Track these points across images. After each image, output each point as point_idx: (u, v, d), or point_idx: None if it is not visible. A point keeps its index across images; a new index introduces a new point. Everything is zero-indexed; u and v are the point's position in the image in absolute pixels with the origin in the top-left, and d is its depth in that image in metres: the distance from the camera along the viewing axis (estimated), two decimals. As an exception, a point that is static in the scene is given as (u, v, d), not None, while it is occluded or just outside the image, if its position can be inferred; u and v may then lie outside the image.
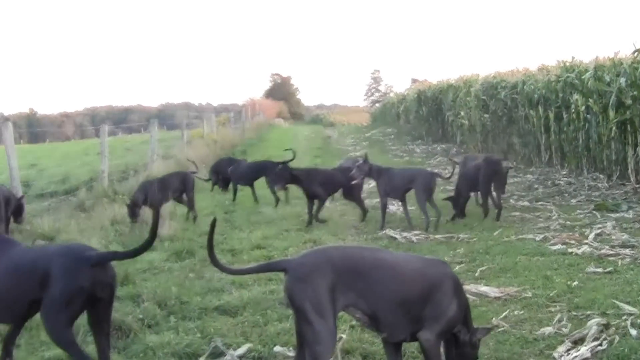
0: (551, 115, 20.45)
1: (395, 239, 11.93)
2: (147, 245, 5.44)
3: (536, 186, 17.68)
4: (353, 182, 13.18)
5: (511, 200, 15.42)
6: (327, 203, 14.29)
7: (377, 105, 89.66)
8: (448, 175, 14.24)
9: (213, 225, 5.15)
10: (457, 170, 14.80)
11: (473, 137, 27.50)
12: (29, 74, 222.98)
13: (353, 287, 4.98)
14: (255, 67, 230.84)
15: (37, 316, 6.89)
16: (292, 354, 6.36)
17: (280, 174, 13.89)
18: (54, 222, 13.21)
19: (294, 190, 15.18)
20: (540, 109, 21.00)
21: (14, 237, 11.77)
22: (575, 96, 18.79)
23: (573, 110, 18.95)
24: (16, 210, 12.01)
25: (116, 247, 10.98)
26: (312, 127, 57.72)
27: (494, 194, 13.26)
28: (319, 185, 13.65)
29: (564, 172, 19.66)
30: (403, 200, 13.35)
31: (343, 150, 32.76)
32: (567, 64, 20.50)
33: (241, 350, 6.52)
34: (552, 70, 21.49)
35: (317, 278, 4.90)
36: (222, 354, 6.55)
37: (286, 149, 17.66)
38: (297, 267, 5.01)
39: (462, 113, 28.28)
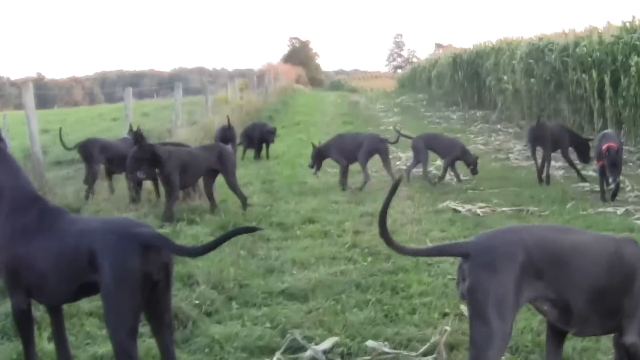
0: (607, 80, 19.46)
1: (458, 211, 11.12)
2: (214, 246, 4.56)
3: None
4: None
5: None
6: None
7: (399, 70, 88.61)
8: (394, 141, 14.77)
9: (393, 190, 4.39)
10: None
11: (517, 103, 26.48)
12: (36, 37, 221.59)
13: (544, 276, 4.15)
14: (271, 30, 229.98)
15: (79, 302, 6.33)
16: (388, 349, 5.57)
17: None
18: (77, 191, 12.50)
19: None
20: (594, 73, 19.99)
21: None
22: (636, 58, 17.85)
23: (633, 74, 17.99)
24: None
25: (152, 220, 10.19)
26: (337, 93, 56.76)
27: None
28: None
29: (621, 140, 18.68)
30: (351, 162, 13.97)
31: (374, 116, 31.93)
32: (627, 24, 19.49)
33: (325, 345, 5.70)
34: (604, 32, 20.52)
35: (507, 266, 4.09)
36: (302, 348, 5.75)
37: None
38: (483, 252, 4.18)
39: (505, 77, 27.26)
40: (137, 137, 11.56)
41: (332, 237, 9.54)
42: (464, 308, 6.39)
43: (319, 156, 14.10)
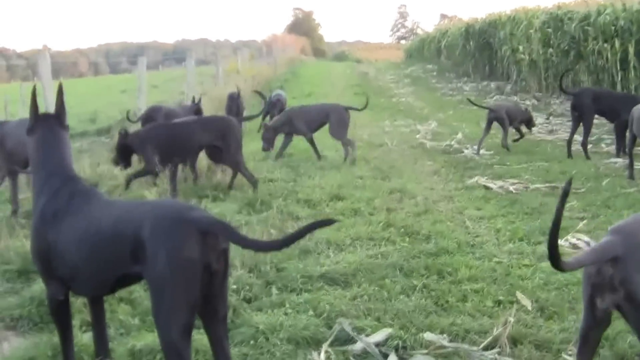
0: (631, 49, 18.95)
1: (489, 188, 10.68)
2: (292, 241, 3.99)
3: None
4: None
5: (602, 145, 14.10)
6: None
7: (403, 41, 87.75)
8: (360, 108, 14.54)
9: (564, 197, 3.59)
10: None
11: (533, 74, 25.92)
12: (41, 10, 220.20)
13: None
14: (273, 1, 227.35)
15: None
16: (448, 343, 5.16)
17: None
18: (92, 165, 12.07)
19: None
20: (617, 42, 19.47)
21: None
22: (664, 26, 17.35)
23: (661, 44, 17.46)
24: None
25: (177, 197, 9.78)
26: (344, 64, 56.21)
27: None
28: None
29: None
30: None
31: (385, 87, 31.47)
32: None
33: (378, 337, 5.28)
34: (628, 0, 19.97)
35: None
36: (351, 339, 5.34)
37: None
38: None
39: (521, 48, 26.68)
40: (198, 109, 12.45)
41: (364, 216, 9.11)
42: (520, 296, 6.01)
43: (277, 132, 13.59)
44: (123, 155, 10.32)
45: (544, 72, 24.99)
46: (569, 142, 13.15)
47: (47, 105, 12.52)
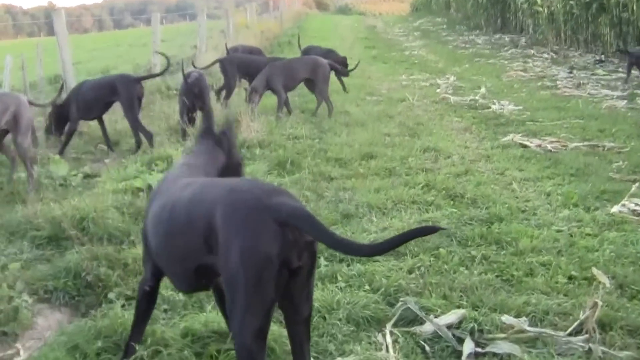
0: (657, 1, 18.14)
1: (527, 146, 10.06)
2: (390, 247, 3.37)
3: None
4: None
5: (638, 100, 13.41)
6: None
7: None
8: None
9: None
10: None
11: (551, 27, 25.08)
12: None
13: None
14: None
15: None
16: (529, 327, 4.57)
17: None
18: (111, 123, 11.45)
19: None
20: (643, -6, 18.66)
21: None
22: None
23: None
24: None
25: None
26: (350, 17, 55.21)
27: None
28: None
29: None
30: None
31: (395, 41, 30.70)
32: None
33: (450, 318, 4.69)
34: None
35: None
36: (417, 320, 4.76)
37: None
38: None
39: (539, 0, 25.80)
40: None
41: (401, 176, 8.52)
42: (597, 272, 5.41)
43: (262, 92, 12.40)
44: (58, 123, 9.96)
45: (564, 25, 24.11)
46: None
47: (64, 63, 11.92)
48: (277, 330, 4.28)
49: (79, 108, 9.83)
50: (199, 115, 10.68)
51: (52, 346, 4.17)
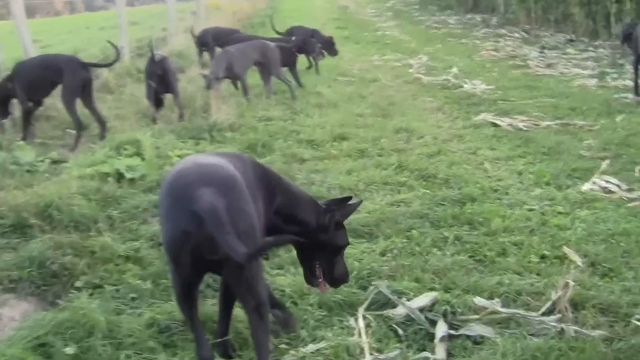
0: (626, -20, 18.13)
1: (498, 126, 10.02)
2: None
3: (621, 62, 15.59)
4: None
5: (608, 79, 13.40)
6: None
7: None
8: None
9: None
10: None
11: (522, 7, 25.01)
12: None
13: None
14: None
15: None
16: (502, 308, 4.51)
17: None
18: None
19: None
20: (612, -27, 18.64)
21: (38, 126, 9.90)
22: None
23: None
24: None
25: (171, 139, 9.04)
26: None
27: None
28: None
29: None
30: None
31: (367, 21, 30.48)
32: None
33: (422, 301, 4.61)
34: None
35: None
36: (389, 303, 4.68)
37: None
38: None
39: (510, -22, 25.72)
40: None
41: (373, 157, 8.44)
42: (568, 251, 5.37)
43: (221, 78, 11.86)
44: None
45: (534, 5, 24.06)
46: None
47: (24, 45, 11.65)
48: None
49: (24, 88, 9.47)
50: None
51: (10, 341, 4.02)
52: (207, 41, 16.44)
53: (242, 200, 3.44)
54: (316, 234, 4.14)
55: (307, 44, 13.98)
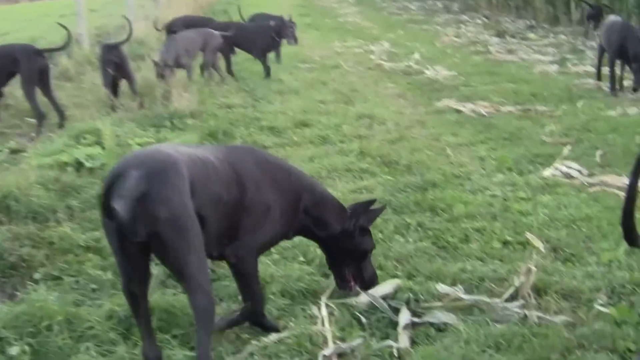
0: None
1: (460, 111, 10.02)
2: None
3: (581, 48, 15.68)
4: None
5: (569, 65, 13.47)
6: None
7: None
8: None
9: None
10: None
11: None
12: None
13: None
14: None
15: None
16: (465, 295, 4.49)
17: None
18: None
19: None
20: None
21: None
22: None
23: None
24: None
25: (132, 127, 8.91)
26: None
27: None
28: None
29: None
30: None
31: (330, 7, 30.41)
32: None
33: (385, 289, 4.58)
34: None
35: None
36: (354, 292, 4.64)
37: None
38: None
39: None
40: None
41: (335, 144, 8.40)
42: (530, 237, 5.37)
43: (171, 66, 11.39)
44: None
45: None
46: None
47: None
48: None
49: None
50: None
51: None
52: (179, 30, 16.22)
53: (168, 187, 3.35)
54: (341, 240, 4.25)
55: (282, 30, 13.83)
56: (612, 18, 10.94)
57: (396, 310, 4.36)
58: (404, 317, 4.25)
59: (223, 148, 4.08)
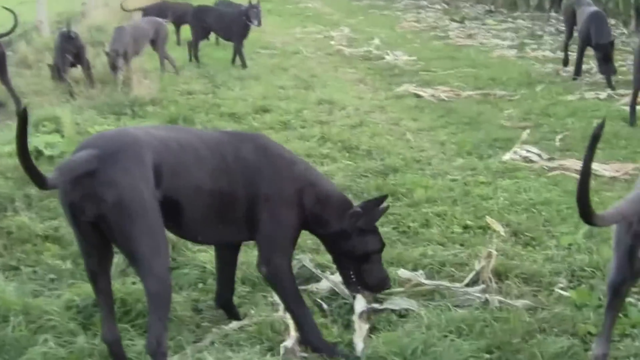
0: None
1: (420, 96, 10.01)
2: None
3: (540, 33, 15.75)
4: None
5: (527, 49, 13.52)
6: None
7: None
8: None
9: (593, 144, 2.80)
10: None
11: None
12: None
13: None
14: None
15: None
16: (426, 280, 4.46)
17: None
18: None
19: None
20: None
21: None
22: None
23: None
24: None
25: (92, 114, 8.78)
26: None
27: None
28: None
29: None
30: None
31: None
32: None
33: (345, 275, 4.53)
34: None
35: None
36: (313, 277, 4.60)
37: None
38: None
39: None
40: None
41: (296, 129, 8.35)
42: (491, 221, 5.36)
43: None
44: None
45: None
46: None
47: None
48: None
49: None
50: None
51: None
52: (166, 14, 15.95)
53: (118, 169, 3.23)
54: (340, 240, 3.87)
55: (249, 12, 13.63)
56: (585, 5, 10.93)
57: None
58: (360, 304, 4.20)
59: (222, 134, 3.88)
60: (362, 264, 3.88)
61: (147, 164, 3.31)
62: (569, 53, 11.44)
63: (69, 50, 9.98)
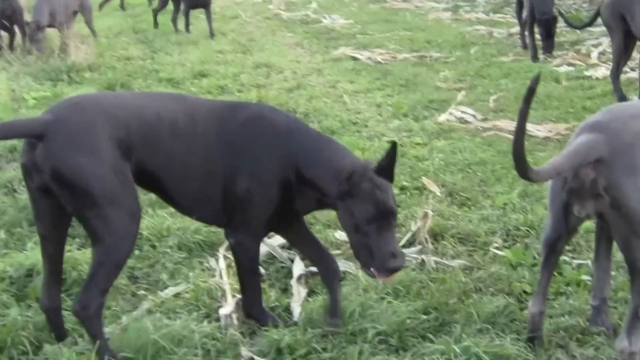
0: None
1: (357, 59, 9.90)
2: None
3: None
4: None
5: (462, 12, 13.46)
6: None
7: None
8: None
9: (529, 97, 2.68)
10: None
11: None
12: None
13: None
14: None
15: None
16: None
17: None
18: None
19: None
20: None
21: None
22: None
23: None
24: None
25: (28, 81, 8.51)
26: None
27: None
28: None
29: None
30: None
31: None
32: None
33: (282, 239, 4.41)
34: None
35: None
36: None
37: None
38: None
39: None
40: None
41: (233, 93, 8.20)
42: (427, 181, 5.28)
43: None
44: None
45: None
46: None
47: None
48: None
49: None
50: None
51: None
52: None
53: (64, 138, 3.04)
54: (334, 204, 3.34)
55: None
56: None
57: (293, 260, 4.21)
58: (298, 268, 4.09)
59: (213, 104, 3.58)
60: (361, 236, 3.28)
61: (99, 135, 3.09)
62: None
63: (4, 15, 9.63)
